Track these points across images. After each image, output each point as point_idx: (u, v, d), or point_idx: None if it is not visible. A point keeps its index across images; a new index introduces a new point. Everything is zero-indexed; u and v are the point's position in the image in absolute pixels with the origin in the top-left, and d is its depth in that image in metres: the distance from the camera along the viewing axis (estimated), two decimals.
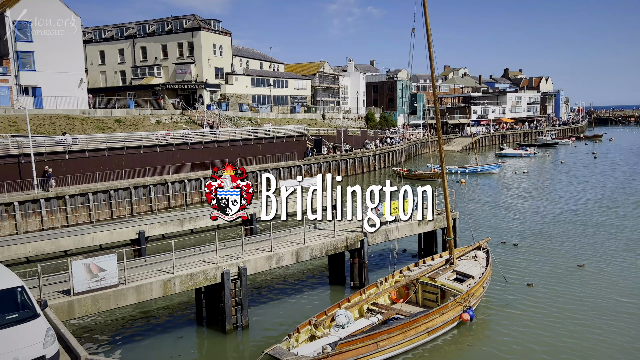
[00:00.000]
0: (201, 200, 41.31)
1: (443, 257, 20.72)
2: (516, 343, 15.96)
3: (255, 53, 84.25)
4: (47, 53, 47.13)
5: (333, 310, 16.54)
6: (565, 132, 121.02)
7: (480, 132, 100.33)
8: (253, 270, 17.92)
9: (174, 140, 43.08)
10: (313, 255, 19.69)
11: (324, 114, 78.97)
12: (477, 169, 58.23)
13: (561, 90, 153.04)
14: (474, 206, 38.56)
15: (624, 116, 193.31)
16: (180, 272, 16.25)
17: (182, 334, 17.26)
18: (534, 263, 23.53)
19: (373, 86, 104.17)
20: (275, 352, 13.95)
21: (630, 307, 18.24)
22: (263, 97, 71.57)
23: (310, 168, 52.95)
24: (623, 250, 25.31)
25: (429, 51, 18.88)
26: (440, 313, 16.23)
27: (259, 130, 51.98)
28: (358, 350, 14.18)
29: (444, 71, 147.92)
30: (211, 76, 64.63)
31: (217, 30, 66.17)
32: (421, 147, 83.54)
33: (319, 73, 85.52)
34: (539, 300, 19.06)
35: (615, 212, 34.87)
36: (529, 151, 79.99)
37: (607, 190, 44.26)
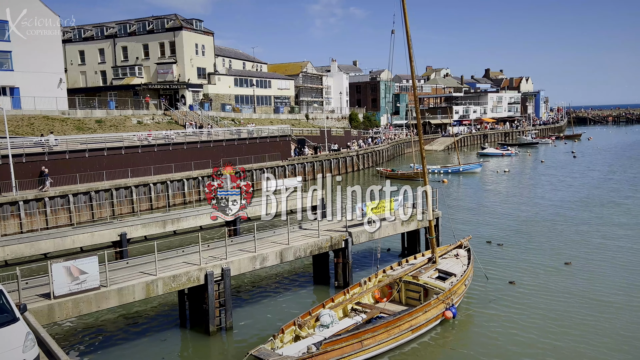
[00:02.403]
0: (184, 202, 41.02)
1: (426, 256, 20.90)
2: (498, 339, 16.18)
3: (238, 53, 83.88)
4: (25, 53, 46.28)
5: (317, 310, 16.56)
6: (545, 131, 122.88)
7: (462, 132, 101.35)
8: (237, 271, 17.85)
9: (156, 141, 42.66)
10: (297, 256, 19.69)
11: (308, 114, 78.98)
12: (459, 168, 58.83)
13: (541, 90, 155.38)
14: (457, 205, 38.96)
15: (602, 116, 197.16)
16: (162, 274, 16.11)
17: (165, 337, 17.12)
18: (517, 261, 23.85)
19: (356, 86, 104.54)
20: (259, 353, 13.91)
21: (611, 305, 18.57)
22: (246, 97, 71.29)
23: (294, 168, 52.92)
24: (604, 248, 25.71)
25: (408, 52, 19.03)
26: (424, 311, 16.37)
27: (243, 131, 51.77)
28: (342, 349, 14.23)
29: (426, 72, 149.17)
30: (193, 76, 64.16)
31: (199, 30, 65.73)
32: (404, 147, 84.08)
33: (302, 73, 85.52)
34: (520, 298, 19.34)
35: (593, 210, 35.54)
36: (510, 151, 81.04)
37: (586, 189, 45.09)
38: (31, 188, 33.31)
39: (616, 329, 16.56)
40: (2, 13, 44.19)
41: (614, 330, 16.51)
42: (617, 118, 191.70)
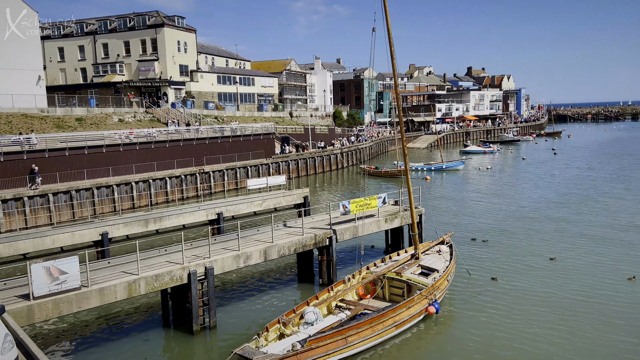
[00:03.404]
0: (166, 200, 40.66)
1: (408, 252, 21.03)
2: (481, 334, 16.37)
3: (221, 50, 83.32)
4: (2, 49, 45.33)
5: (302, 308, 16.57)
6: (526, 129, 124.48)
7: (445, 129, 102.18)
8: (220, 270, 17.76)
9: (138, 139, 42.17)
10: (281, 254, 19.66)
11: (292, 112, 78.84)
12: (442, 165, 59.33)
13: (522, 88, 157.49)
14: (440, 202, 39.29)
15: (582, 113, 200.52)
16: (145, 274, 15.96)
17: (148, 337, 16.97)
18: (500, 258, 24.11)
19: (340, 84, 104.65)
20: (244, 351, 13.87)
21: (593, 301, 18.85)
22: (229, 94, 70.88)
23: (278, 166, 52.81)
24: (586, 244, 26.09)
25: (390, 50, 19.10)
26: (407, 307, 16.49)
27: (226, 129, 51.46)
28: (327, 346, 14.27)
29: (409, 70, 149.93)
30: (175, 74, 63.57)
31: (181, 27, 65.13)
32: (388, 145, 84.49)
33: (286, 71, 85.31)
34: (502, 294, 19.59)
35: (572, 207, 36.14)
36: (492, 148, 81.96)
37: (566, 186, 45.83)
38: (9, 187, 32.67)
39: (597, 325, 16.83)
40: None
41: (595, 325, 16.77)
42: (596, 116, 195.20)
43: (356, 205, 21.62)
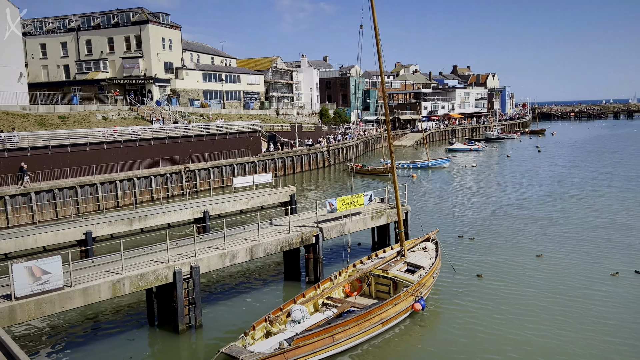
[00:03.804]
0: (151, 199, 40.29)
1: (394, 250, 21.13)
2: (466, 330, 16.51)
3: (206, 47, 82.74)
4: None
5: (288, 306, 16.56)
6: (511, 127, 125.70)
7: (430, 127, 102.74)
8: (206, 269, 17.65)
9: (122, 137, 41.72)
10: (268, 252, 19.60)
11: (278, 109, 78.61)
12: (428, 163, 59.69)
13: (507, 86, 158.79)
14: (426, 199, 39.51)
15: (565, 111, 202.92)
16: (129, 273, 15.80)
17: (133, 336, 16.82)
18: (485, 255, 24.30)
19: (326, 82, 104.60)
20: (231, 350, 13.80)
21: (577, 297, 19.08)
22: (215, 92, 70.42)
23: (265, 164, 52.64)
24: (570, 241, 26.37)
25: (377, 48, 19.12)
26: (393, 304, 16.57)
27: (212, 126, 51.13)
28: (314, 344, 14.27)
29: (396, 68, 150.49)
30: (160, 71, 62.96)
31: (166, 24, 64.50)
32: (374, 143, 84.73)
33: (272, 68, 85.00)
34: (487, 290, 19.76)
35: (555, 205, 36.62)
36: (477, 146, 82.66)
37: (549, 184, 46.39)
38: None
39: (582, 321, 17.03)
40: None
41: (579, 322, 16.95)
42: (579, 114, 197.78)
43: (343, 203, 21.66)
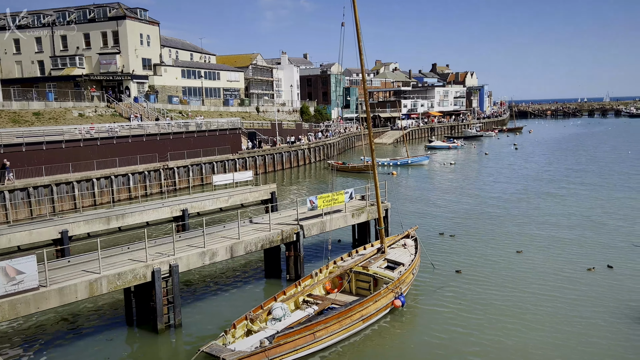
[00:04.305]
0: (129, 197, 39.74)
1: (375, 246, 21.24)
2: (444, 326, 16.70)
3: (185, 44, 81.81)
4: None
5: (269, 303, 16.52)
6: (489, 124, 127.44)
7: (410, 125, 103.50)
8: (185, 268, 17.48)
9: (99, 134, 41.02)
10: (248, 250, 19.50)
11: (258, 107, 78.22)
12: (408, 160, 60.13)
13: (485, 84, 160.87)
14: (405, 196, 39.80)
15: (542, 110, 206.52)
16: (107, 272, 15.55)
17: (111, 336, 16.58)
18: (465, 251, 24.56)
19: (307, 79, 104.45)
20: (211, 349, 13.71)
21: (554, 293, 19.40)
22: (194, 89, 69.71)
23: (245, 162, 52.37)
24: (547, 238, 26.77)
25: (358, 45, 19.18)
26: (374, 301, 16.66)
27: (191, 124, 50.62)
28: (296, 341, 14.26)
29: (376, 65, 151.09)
30: (138, 67, 62.04)
31: (143, 20, 63.55)
32: (355, 140, 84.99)
33: (252, 65, 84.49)
34: (466, 286, 20.00)
35: (532, 202, 37.26)
36: (456, 143, 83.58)
37: (526, 181, 47.18)
38: None
39: (560, 317, 17.33)
40: None
41: (557, 317, 17.24)
42: (555, 112, 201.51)
43: (323, 201, 21.68)
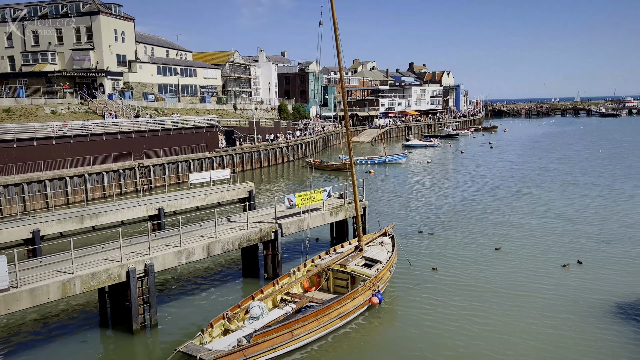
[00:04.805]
0: (104, 196, 39.03)
1: (352, 244, 21.34)
2: (421, 322, 16.89)
3: (161, 40, 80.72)
4: None
5: (247, 302, 16.44)
6: (465, 123, 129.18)
7: (388, 124, 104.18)
8: (161, 267, 17.26)
9: (72, 132, 40.18)
10: (225, 249, 19.36)
11: (236, 104, 77.71)
12: (386, 159, 60.52)
13: (461, 84, 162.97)
14: (383, 195, 40.08)
15: (516, 109, 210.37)
16: (80, 272, 15.24)
17: (85, 338, 16.28)
18: (442, 249, 24.82)
19: (285, 77, 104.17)
20: (188, 349, 13.58)
21: (529, 290, 19.74)
22: (170, 86, 68.85)
23: (222, 160, 51.96)
24: (523, 236, 27.20)
25: (336, 44, 19.20)
26: (351, 298, 16.73)
27: (167, 121, 49.98)
28: (274, 340, 14.23)
29: (354, 64, 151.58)
30: (113, 64, 60.96)
31: (118, 15, 62.44)
32: (333, 139, 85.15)
33: (230, 62, 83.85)
34: (442, 283, 20.26)
35: (506, 200, 37.93)
36: (433, 142, 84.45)
37: (500, 180, 47.99)
38: None
39: (534, 313, 17.66)
40: None
41: (532, 313, 17.55)
42: (529, 111, 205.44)
43: (302, 199, 21.66)
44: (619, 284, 19.85)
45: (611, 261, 22.50)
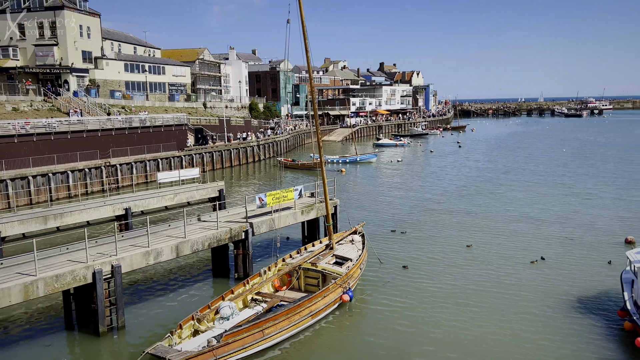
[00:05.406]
0: (69, 195, 38.00)
1: (323, 243, 21.40)
2: (391, 319, 17.07)
3: (128, 37, 79.03)
4: None
5: (217, 303, 16.30)
6: (434, 123, 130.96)
7: (359, 123, 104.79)
8: (129, 268, 16.93)
9: (35, 130, 38.97)
10: (195, 249, 19.12)
11: (206, 102, 76.78)
12: (357, 158, 60.89)
13: (430, 84, 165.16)
14: (354, 193, 40.31)
15: (484, 109, 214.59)
16: (44, 274, 14.81)
17: (49, 341, 15.84)
18: (413, 247, 25.09)
19: (256, 76, 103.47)
20: (156, 350, 13.36)
21: (498, 287, 20.13)
22: (138, 83, 67.49)
23: (192, 159, 51.30)
24: (489, 233, 27.77)
25: (304, 44, 19.19)
26: (322, 296, 16.79)
27: (134, 119, 49.00)
28: (244, 340, 14.15)
29: (325, 63, 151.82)
30: (78, 60, 59.32)
31: (83, 11, 60.80)
32: (304, 138, 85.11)
33: (199, 60, 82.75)
34: (412, 281, 20.50)
35: (474, 199, 38.70)
36: (403, 141, 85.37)
37: (467, 179, 48.93)
38: None
39: (500, 311, 17.97)
40: None
41: (498, 311, 17.86)
42: (497, 111, 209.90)
43: (273, 198, 21.57)
44: (581, 278, 20.50)
45: (574, 257, 23.21)
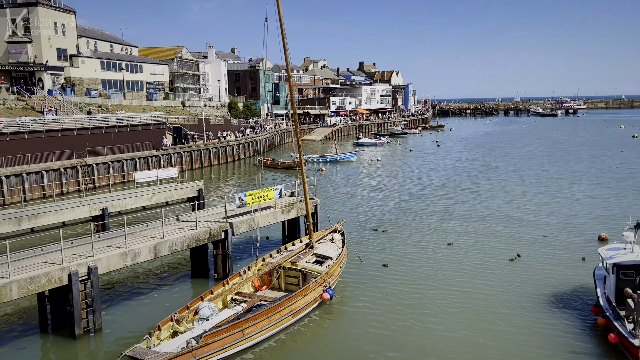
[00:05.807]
0: (43, 196, 37.22)
1: (303, 242, 21.39)
2: (371, 317, 17.16)
3: (105, 34, 77.75)
4: None
5: (196, 303, 16.16)
6: (413, 122, 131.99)
7: (339, 122, 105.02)
8: (106, 269, 16.67)
9: (8, 129, 38.07)
10: (173, 250, 18.92)
11: (184, 101, 76.02)
12: (337, 157, 61.02)
13: (410, 83, 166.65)
14: (335, 192, 40.38)
15: (462, 108, 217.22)
16: (17, 276, 14.48)
17: (24, 345, 15.50)
18: (394, 246, 25.19)
19: (235, 74, 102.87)
20: (134, 352, 13.18)
21: (475, 285, 20.34)
22: (115, 82, 66.43)
23: (170, 158, 50.75)
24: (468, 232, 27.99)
25: (282, 42, 19.15)
26: (303, 295, 16.79)
27: (111, 118, 48.24)
28: (224, 340, 14.06)
29: (305, 62, 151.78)
30: (52, 58, 58.13)
31: (58, 7, 59.57)
32: (284, 137, 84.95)
33: (177, 58, 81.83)
34: (392, 279, 20.61)
35: (450, 197, 39.14)
36: (383, 141, 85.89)
37: (445, 177, 49.48)
38: None
39: (479, 309, 18.22)
40: None
41: (479, 308, 18.09)
42: (474, 111, 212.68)
43: (253, 197, 21.48)
44: (555, 275, 20.88)
45: (549, 254, 23.62)
